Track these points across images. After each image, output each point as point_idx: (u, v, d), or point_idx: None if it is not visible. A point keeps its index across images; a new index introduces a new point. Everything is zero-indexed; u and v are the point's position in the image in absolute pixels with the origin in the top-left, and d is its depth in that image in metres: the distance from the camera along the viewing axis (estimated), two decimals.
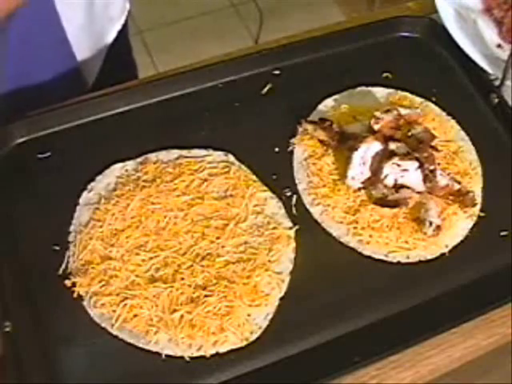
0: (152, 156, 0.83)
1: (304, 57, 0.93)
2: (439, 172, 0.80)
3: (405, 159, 0.79)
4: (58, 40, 0.91)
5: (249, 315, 0.72)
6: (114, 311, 0.71)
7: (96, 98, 0.87)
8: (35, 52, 0.89)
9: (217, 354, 0.70)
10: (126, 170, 0.81)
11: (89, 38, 0.97)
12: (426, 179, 0.79)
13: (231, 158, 0.83)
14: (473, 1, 0.98)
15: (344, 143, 0.82)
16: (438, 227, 0.77)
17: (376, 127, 0.80)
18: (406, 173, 0.79)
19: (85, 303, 0.72)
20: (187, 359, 0.69)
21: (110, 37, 1.02)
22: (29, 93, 0.92)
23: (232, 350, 0.70)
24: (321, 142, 0.84)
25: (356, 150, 0.79)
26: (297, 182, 0.82)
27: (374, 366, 0.71)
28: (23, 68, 0.90)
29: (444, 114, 0.89)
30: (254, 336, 0.71)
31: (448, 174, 0.81)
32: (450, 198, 0.80)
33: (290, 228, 0.78)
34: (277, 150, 0.85)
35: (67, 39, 0.91)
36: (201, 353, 0.70)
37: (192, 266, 0.74)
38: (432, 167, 0.79)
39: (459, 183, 0.80)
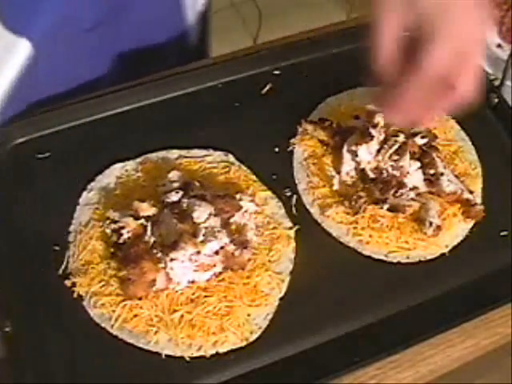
0: (152, 156, 0.83)
1: (304, 57, 0.93)
2: (447, 177, 0.79)
3: (405, 159, 0.79)
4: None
5: (249, 315, 0.72)
6: (114, 311, 0.71)
7: (96, 97, 0.87)
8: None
9: (217, 353, 0.70)
10: (126, 170, 0.81)
11: None
12: (429, 184, 0.78)
13: (231, 157, 0.83)
14: None
15: (343, 142, 0.82)
16: (438, 227, 0.77)
17: (375, 127, 0.80)
18: (406, 173, 0.79)
19: (85, 303, 0.72)
20: (187, 359, 0.69)
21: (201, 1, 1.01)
22: (142, 53, 0.93)
23: (232, 350, 0.70)
24: (321, 142, 0.84)
25: (346, 143, 0.79)
26: (297, 182, 0.82)
27: (374, 366, 0.71)
28: (139, 28, 0.90)
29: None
30: (254, 336, 0.71)
31: (461, 182, 0.80)
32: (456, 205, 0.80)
33: (290, 228, 0.78)
34: (277, 150, 0.85)
35: None
36: (201, 353, 0.70)
37: None
38: (432, 171, 0.79)
39: (471, 193, 0.80)
